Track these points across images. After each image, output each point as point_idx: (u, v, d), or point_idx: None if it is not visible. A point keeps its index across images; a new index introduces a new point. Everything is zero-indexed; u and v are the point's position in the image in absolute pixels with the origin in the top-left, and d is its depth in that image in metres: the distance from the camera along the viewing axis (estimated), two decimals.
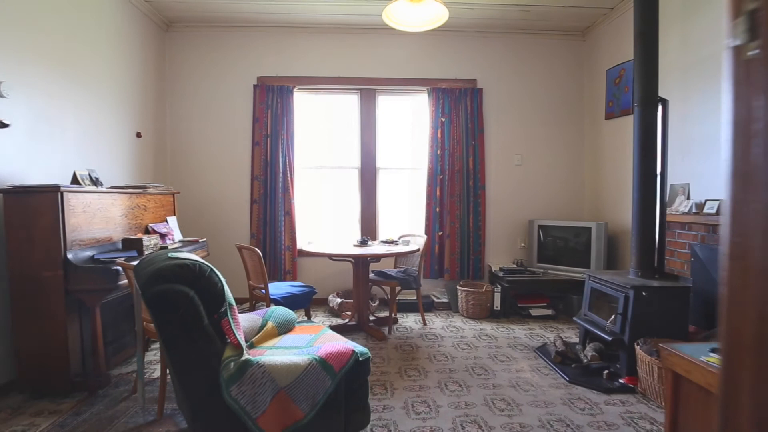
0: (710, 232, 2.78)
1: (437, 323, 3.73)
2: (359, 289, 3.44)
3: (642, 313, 2.49)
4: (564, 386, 2.46)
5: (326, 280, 4.37)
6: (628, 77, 3.72)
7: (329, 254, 3.11)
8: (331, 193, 4.45)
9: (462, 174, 4.34)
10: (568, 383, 2.50)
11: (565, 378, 2.56)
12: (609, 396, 2.33)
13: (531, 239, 4.26)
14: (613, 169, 4.00)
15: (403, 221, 4.49)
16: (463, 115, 4.32)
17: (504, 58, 4.41)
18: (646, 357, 2.24)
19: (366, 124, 4.38)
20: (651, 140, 2.68)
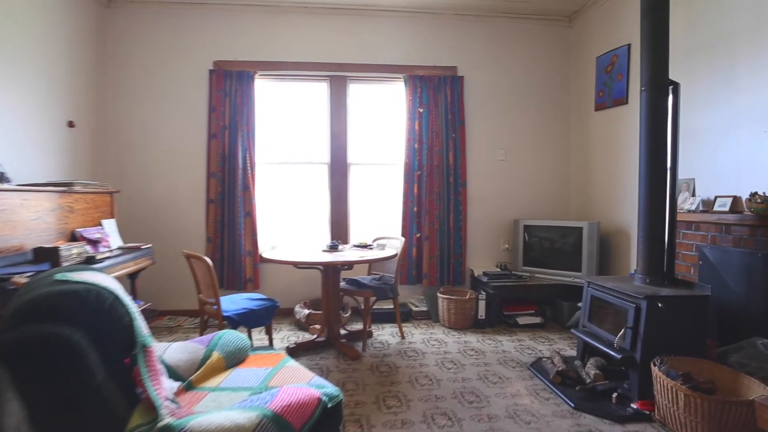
0: (722, 232, 2.51)
1: (416, 336, 3.34)
2: (329, 301, 3.01)
3: (655, 327, 2.17)
4: (570, 414, 2.11)
5: (293, 288, 3.90)
6: (621, 64, 3.45)
7: (294, 262, 2.66)
8: (298, 191, 3.98)
9: (441, 170, 3.97)
10: (573, 410, 2.15)
11: (569, 403, 2.22)
12: (623, 426, 2.00)
13: (516, 240, 3.94)
14: (604, 164, 3.73)
15: (377, 222, 4.08)
16: (443, 105, 3.95)
17: (486, 44, 4.07)
18: (668, 381, 1.91)
19: (336, 115, 3.93)
20: (660, 129, 2.38)
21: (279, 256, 2.75)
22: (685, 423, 1.88)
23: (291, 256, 2.78)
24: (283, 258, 2.70)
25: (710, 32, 2.65)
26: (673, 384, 1.90)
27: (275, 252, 3.01)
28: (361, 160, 4.04)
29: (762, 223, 2.25)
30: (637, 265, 2.51)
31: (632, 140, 3.38)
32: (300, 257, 2.76)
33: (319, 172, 3.99)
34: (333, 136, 3.94)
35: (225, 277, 3.73)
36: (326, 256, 2.82)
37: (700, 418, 1.82)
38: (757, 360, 2.11)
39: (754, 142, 2.42)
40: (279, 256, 2.78)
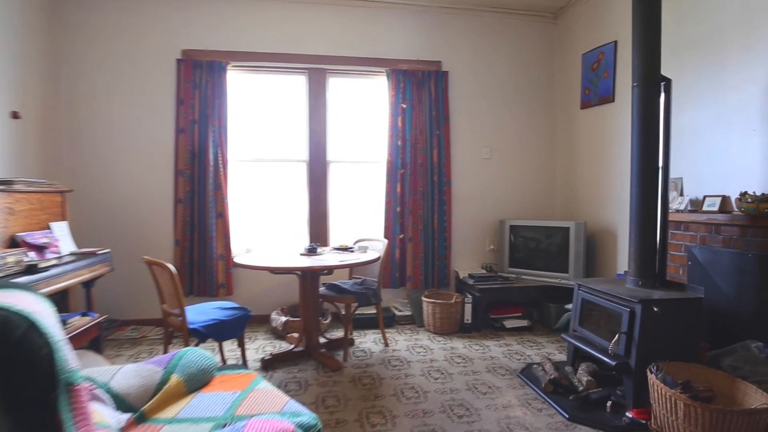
0: (712, 232, 2.45)
1: (401, 342, 3.18)
2: (307, 308, 2.81)
3: (650, 332, 2.08)
4: (565, 426, 1.99)
5: (269, 293, 3.68)
6: (608, 61, 3.37)
7: (270, 268, 2.46)
8: (274, 190, 3.76)
9: (425, 168, 3.83)
10: (568, 422, 2.03)
11: (563, 414, 2.10)
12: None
13: (502, 241, 3.83)
14: (590, 163, 3.66)
15: (358, 223, 3.90)
16: (427, 100, 3.80)
17: (471, 39, 3.95)
18: (666, 390, 1.81)
19: (315, 110, 3.73)
20: (653, 127, 2.28)
21: (253, 261, 2.54)
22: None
23: (266, 261, 2.57)
24: (258, 263, 2.49)
25: (699, 28, 2.59)
26: (672, 393, 1.80)
27: (250, 256, 2.80)
28: (341, 157, 3.85)
29: (753, 223, 2.19)
30: (628, 267, 2.42)
31: (619, 139, 3.32)
32: (276, 262, 2.56)
33: (297, 171, 3.78)
34: (312, 133, 3.74)
35: (195, 282, 3.48)
36: (304, 261, 2.62)
37: (701, 429, 1.72)
38: (751, 363, 2.04)
39: (743, 141, 2.36)
40: (253, 261, 2.57)
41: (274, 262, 2.55)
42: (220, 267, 3.50)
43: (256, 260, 2.59)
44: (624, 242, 3.28)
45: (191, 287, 3.48)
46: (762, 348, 2.01)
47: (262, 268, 2.46)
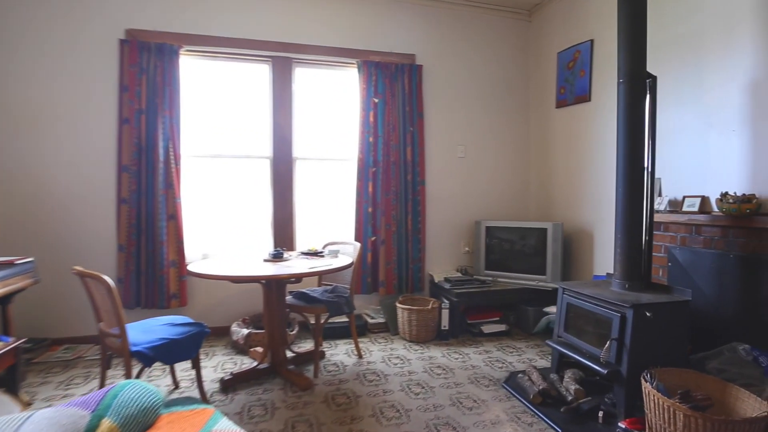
0: (692, 233, 2.41)
1: (375, 353, 2.96)
2: (273, 320, 2.53)
3: (641, 338, 1.98)
4: None
5: (229, 302, 3.35)
6: (584, 60, 3.32)
7: (230, 277, 2.16)
8: (235, 189, 3.42)
9: (399, 166, 3.63)
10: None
11: (555, 428, 1.96)
12: None
13: (478, 243, 3.70)
14: (565, 163, 3.60)
15: (327, 225, 3.64)
16: (400, 95, 3.61)
17: (446, 33, 3.80)
18: (664, 400, 1.70)
19: (280, 103, 3.44)
20: (639, 125, 2.20)
21: (211, 269, 2.23)
22: None
23: (226, 269, 2.27)
24: (216, 272, 2.19)
25: (678, 29, 2.55)
26: (670, 403, 1.69)
27: (206, 263, 2.48)
28: (308, 154, 3.58)
29: (734, 224, 2.16)
30: (614, 269, 2.32)
31: (595, 138, 3.27)
32: (237, 270, 2.27)
33: (260, 168, 3.47)
34: (276, 127, 3.43)
35: (143, 293, 3.09)
36: (269, 268, 2.34)
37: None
38: (737, 366, 1.99)
39: (722, 142, 2.34)
40: (211, 269, 2.26)
41: (234, 269, 2.26)
42: (171, 275, 3.13)
43: (213, 268, 2.28)
44: (600, 243, 3.24)
45: (138, 299, 3.08)
46: (749, 350, 1.96)
47: (221, 277, 2.15)
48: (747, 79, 2.20)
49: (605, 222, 3.18)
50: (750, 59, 2.19)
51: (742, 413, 1.75)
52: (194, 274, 2.22)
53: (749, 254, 2.12)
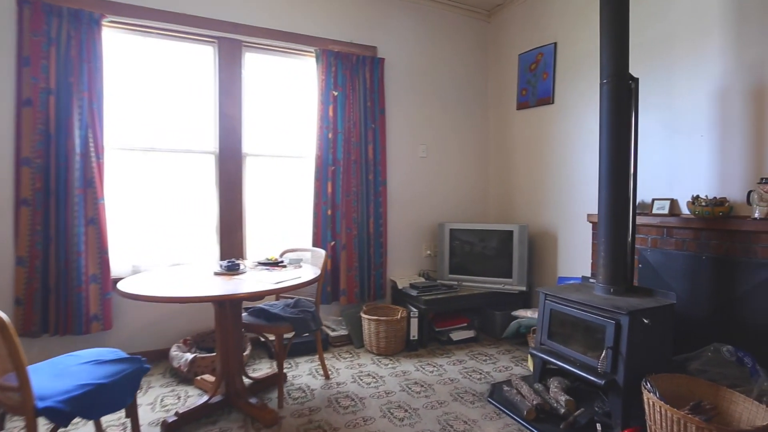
0: (664, 235, 2.45)
1: (343, 371, 2.67)
2: (227, 345, 2.14)
3: (636, 345, 1.93)
4: None
5: (165, 321, 2.84)
6: (547, 62, 3.32)
7: (174, 298, 1.74)
8: (172, 189, 2.92)
9: (360, 165, 3.37)
10: None
11: None
12: None
13: (441, 246, 3.56)
14: (527, 165, 3.59)
15: (282, 230, 3.26)
16: (361, 89, 3.35)
17: (407, 26, 3.61)
18: (674, 412, 1.64)
19: (228, 91, 3.00)
20: (624, 125, 2.17)
21: (149, 288, 1.80)
22: None
23: (169, 287, 1.85)
24: (157, 291, 1.76)
25: (648, 34, 2.60)
26: (681, 415, 1.64)
27: (141, 280, 2.02)
28: (260, 150, 3.18)
29: (707, 226, 2.22)
30: (597, 272, 2.28)
31: (558, 141, 3.28)
32: (184, 287, 1.86)
33: (203, 165, 3.00)
34: (223, 118, 2.99)
35: (51, 317, 2.49)
36: (223, 284, 1.96)
37: None
38: (719, 366, 2.02)
39: (690, 146, 2.41)
40: (149, 287, 1.83)
41: (180, 287, 1.85)
42: (92, 292, 2.56)
43: (152, 286, 1.85)
44: (564, 245, 3.25)
45: (45, 324, 2.48)
46: (733, 351, 2.00)
47: (165, 299, 1.73)
48: (715, 86, 2.28)
49: (569, 224, 3.20)
50: (719, 68, 2.26)
51: (738, 416, 1.75)
52: (127, 295, 1.76)
53: (722, 256, 2.18)
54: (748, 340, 2.06)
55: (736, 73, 2.19)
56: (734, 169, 2.19)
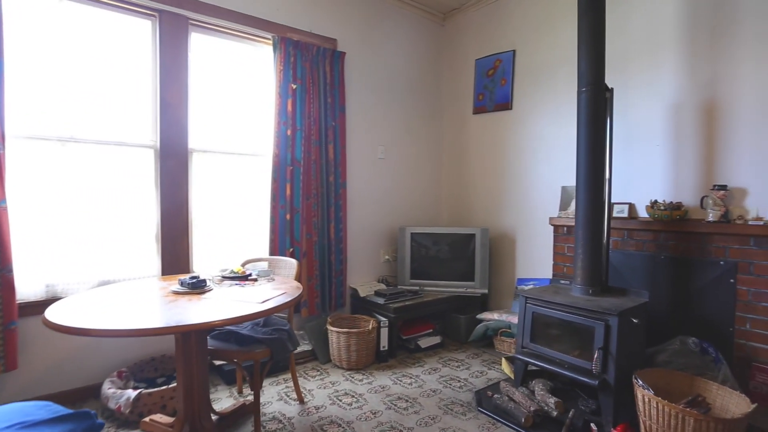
0: (625, 237, 2.63)
1: (316, 392, 2.42)
2: (192, 380, 1.78)
3: (624, 344, 2.01)
4: None
5: (88, 351, 2.32)
6: (506, 69, 3.41)
7: (132, 331, 1.36)
8: (99, 189, 2.40)
9: (320, 166, 3.13)
10: None
11: None
12: None
13: (402, 251, 3.45)
14: (485, 169, 3.65)
15: (234, 236, 2.89)
16: (322, 84, 3.11)
17: (367, 21, 3.45)
18: (671, 407, 1.72)
19: (171, 76, 2.56)
20: (601, 132, 2.27)
21: (89, 319, 1.41)
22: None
23: (111, 315, 1.47)
24: (104, 324, 1.38)
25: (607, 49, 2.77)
26: (679, 410, 1.73)
27: (72, 306, 1.58)
28: (209, 146, 2.77)
29: (665, 228, 2.42)
30: (574, 274, 2.36)
31: (516, 146, 3.38)
32: (141, 316, 1.49)
33: (140, 161, 2.52)
34: (165, 107, 2.54)
35: None
36: (192, 306, 1.61)
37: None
38: (684, 357, 2.21)
39: (646, 155, 2.61)
40: (87, 316, 1.43)
41: (126, 316, 1.47)
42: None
43: (94, 314, 1.45)
44: (522, 247, 3.36)
45: None
46: (697, 342, 2.19)
47: (117, 332, 1.34)
48: (670, 101, 2.49)
49: (527, 227, 3.31)
50: (673, 84, 2.48)
51: (714, 403, 1.89)
52: (64, 329, 1.35)
53: (679, 256, 2.39)
54: (703, 332, 2.28)
55: (689, 90, 2.42)
56: (688, 177, 2.42)
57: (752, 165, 2.21)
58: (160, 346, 2.55)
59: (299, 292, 1.86)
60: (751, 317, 2.17)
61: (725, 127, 2.30)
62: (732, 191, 2.25)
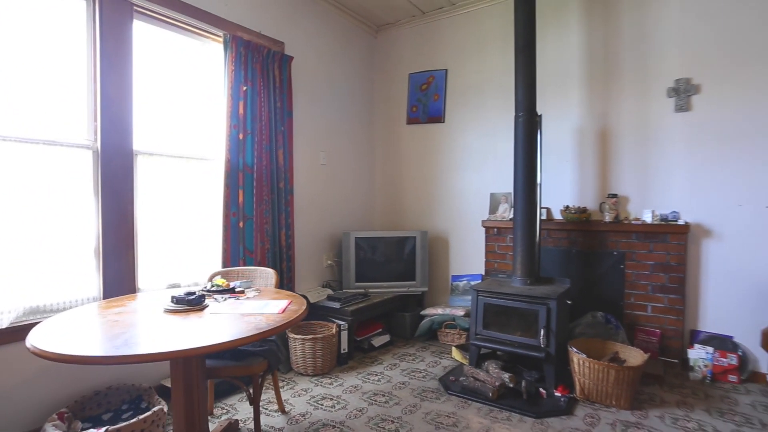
0: (545, 235, 3.20)
1: (292, 400, 2.41)
2: (193, 406, 1.66)
3: (560, 321, 2.50)
4: (540, 424, 2.09)
5: (19, 390, 1.92)
6: (438, 86, 3.78)
7: (146, 356, 1.26)
8: (21, 196, 1.99)
9: (270, 171, 3.06)
10: (537, 420, 2.15)
11: (530, 416, 2.21)
12: (572, 415, 2.17)
13: (347, 255, 3.57)
14: (418, 176, 3.97)
15: (183, 248, 2.65)
16: (271, 87, 3.05)
17: (312, 27, 3.47)
18: (599, 364, 2.25)
19: (113, 66, 2.25)
20: (533, 149, 2.75)
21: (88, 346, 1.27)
22: (612, 393, 2.26)
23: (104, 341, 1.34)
24: (104, 351, 1.26)
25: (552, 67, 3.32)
26: (605, 366, 2.25)
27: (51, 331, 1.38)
28: (155, 148, 2.50)
29: (575, 228, 3.05)
30: (513, 269, 2.81)
31: (448, 156, 3.78)
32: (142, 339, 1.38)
33: (76, 163, 2.16)
34: (106, 102, 2.22)
35: None
36: (201, 326, 1.53)
37: (626, 385, 2.24)
38: (594, 327, 2.83)
39: (558, 168, 3.23)
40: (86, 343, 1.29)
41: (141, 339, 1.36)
42: None
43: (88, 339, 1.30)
44: (455, 248, 3.77)
45: None
46: (604, 316, 2.82)
47: (146, 357, 1.24)
48: (576, 125, 3.14)
49: (459, 230, 3.74)
50: (577, 113, 3.13)
51: (624, 358, 2.49)
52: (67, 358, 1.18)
53: (586, 249, 3.03)
54: (605, 307, 2.94)
55: (589, 119, 3.09)
56: (590, 186, 3.09)
57: (632, 179, 2.95)
58: (103, 378, 2.22)
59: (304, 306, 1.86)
60: (634, 293, 2.89)
61: (614, 149, 3.01)
62: (620, 198, 2.96)
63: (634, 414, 2.23)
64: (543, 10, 3.21)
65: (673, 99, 2.84)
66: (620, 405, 2.28)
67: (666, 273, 2.80)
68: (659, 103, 2.88)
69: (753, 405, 2.33)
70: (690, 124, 2.79)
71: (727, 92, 2.67)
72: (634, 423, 2.14)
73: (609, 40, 3.03)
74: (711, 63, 2.71)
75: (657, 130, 2.88)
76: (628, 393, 2.27)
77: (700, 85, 2.75)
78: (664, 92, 2.86)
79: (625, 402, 2.27)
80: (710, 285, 2.76)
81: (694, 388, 2.54)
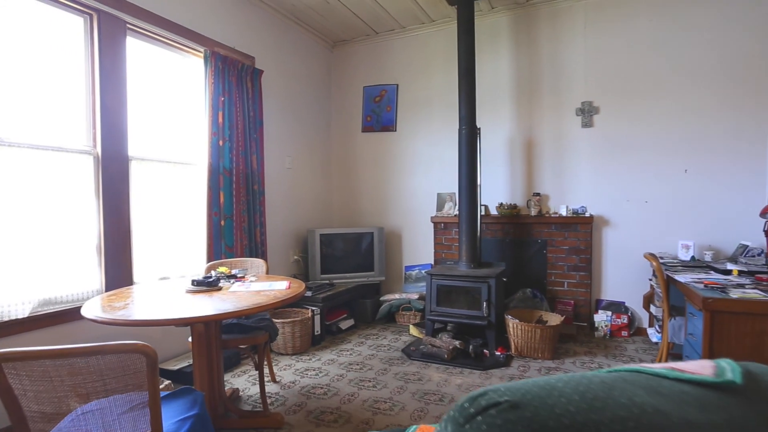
0: (485, 228, 3.83)
1: (279, 373, 2.77)
2: (213, 367, 2.00)
3: (498, 296, 3.12)
4: (487, 375, 2.67)
5: None
6: (390, 99, 4.29)
7: (182, 320, 1.62)
8: (36, 196, 2.17)
9: (246, 175, 3.38)
10: (484, 371, 2.73)
11: (479, 370, 2.77)
12: (509, 366, 2.78)
13: (312, 250, 3.95)
14: (372, 179, 4.44)
15: (171, 244, 2.89)
16: (245, 98, 3.36)
17: (278, 42, 3.81)
18: (529, 326, 2.88)
19: (110, 78, 2.46)
20: (474, 157, 3.35)
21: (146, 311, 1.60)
22: (538, 348, 2.91)
23: (154, 309, 1.68)
24: (164, 314, 1.60)
25: None
26: (532, 327, 2.89)
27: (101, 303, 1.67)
28: (147, 154, 2.73)
29: (508, 221, 3.71)
30: (459, 255, 3.39)
31: (400, 161, 4.31)
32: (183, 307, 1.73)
33: (79, 167, 2.35)
34: (105, 112, 2.44)
35: None
36: (225, 300, 1.89)
37: (548, 341, 2.90)
38: (524, 301, 3.49)
39: (493, 171, 3.88)
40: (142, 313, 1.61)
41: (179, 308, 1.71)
42: None
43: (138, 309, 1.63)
44: (408, 242, 4.30)
45: None
46: (532, 291, 3.49)
47: (190, 319, 1.59)
48: (507, 136, 3.80)
49: (411, 225, 4.28)
50: (508, 125, 3.80)
51: (546, 321, 3.16)
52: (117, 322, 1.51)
53: (516, 239, 3.70)
54: (533, 284, 3.63)
55: (517, 130, 3.77)
56: (519, 186, 3.77)
57: (551, 180, 3.67)
58: None
59: (300, 281, 2.26)
60: (553, 272, 3.61)
61: (538, 156, 3.71)
62: (542, 196, 3.67)
63: (555, 362, 2.88)
64: (479, 38, 3.85)
65: (580, 117, 3.59)
66: (545, 356, 2.93)
67: (577, 255, 3.54)
68: (570, 120, 3.62)
69: (636, 350, 3.10)
70: (592, 138, 3.55)
71: (619, 114, 3.47)
72: (554, 368, 2.79)
73: (532, 66, 3.73)
74: (607, 90, 3.50)
75: (569, 142, 3.62)
76: (551, 347, 2.93)
77: (599, 107, 3.53)
78: (573, 111, 3.61)
79: (548, 354, 2.93)
80: (609, 263, 3.54)
81: (598, 342, 3.29)
